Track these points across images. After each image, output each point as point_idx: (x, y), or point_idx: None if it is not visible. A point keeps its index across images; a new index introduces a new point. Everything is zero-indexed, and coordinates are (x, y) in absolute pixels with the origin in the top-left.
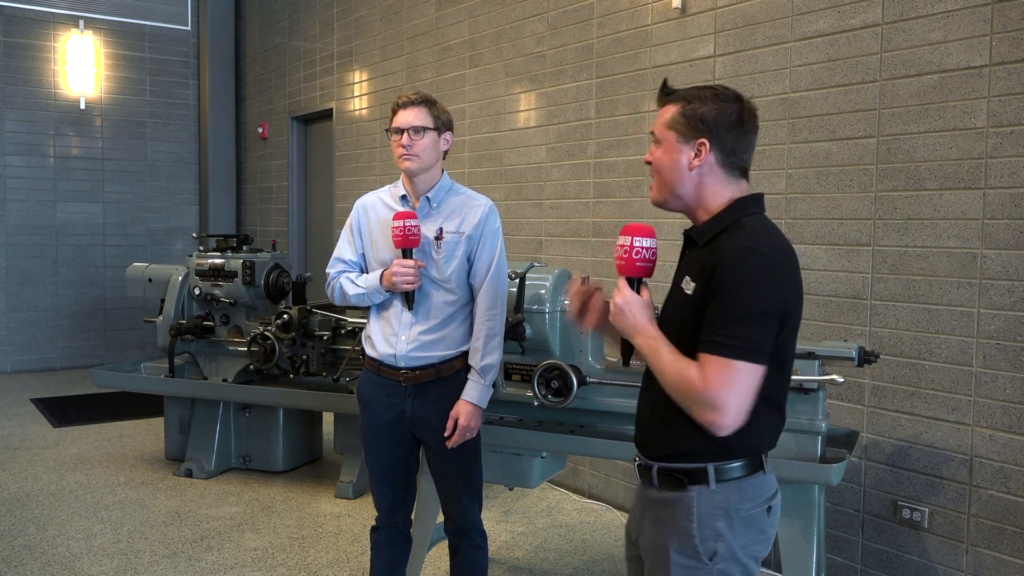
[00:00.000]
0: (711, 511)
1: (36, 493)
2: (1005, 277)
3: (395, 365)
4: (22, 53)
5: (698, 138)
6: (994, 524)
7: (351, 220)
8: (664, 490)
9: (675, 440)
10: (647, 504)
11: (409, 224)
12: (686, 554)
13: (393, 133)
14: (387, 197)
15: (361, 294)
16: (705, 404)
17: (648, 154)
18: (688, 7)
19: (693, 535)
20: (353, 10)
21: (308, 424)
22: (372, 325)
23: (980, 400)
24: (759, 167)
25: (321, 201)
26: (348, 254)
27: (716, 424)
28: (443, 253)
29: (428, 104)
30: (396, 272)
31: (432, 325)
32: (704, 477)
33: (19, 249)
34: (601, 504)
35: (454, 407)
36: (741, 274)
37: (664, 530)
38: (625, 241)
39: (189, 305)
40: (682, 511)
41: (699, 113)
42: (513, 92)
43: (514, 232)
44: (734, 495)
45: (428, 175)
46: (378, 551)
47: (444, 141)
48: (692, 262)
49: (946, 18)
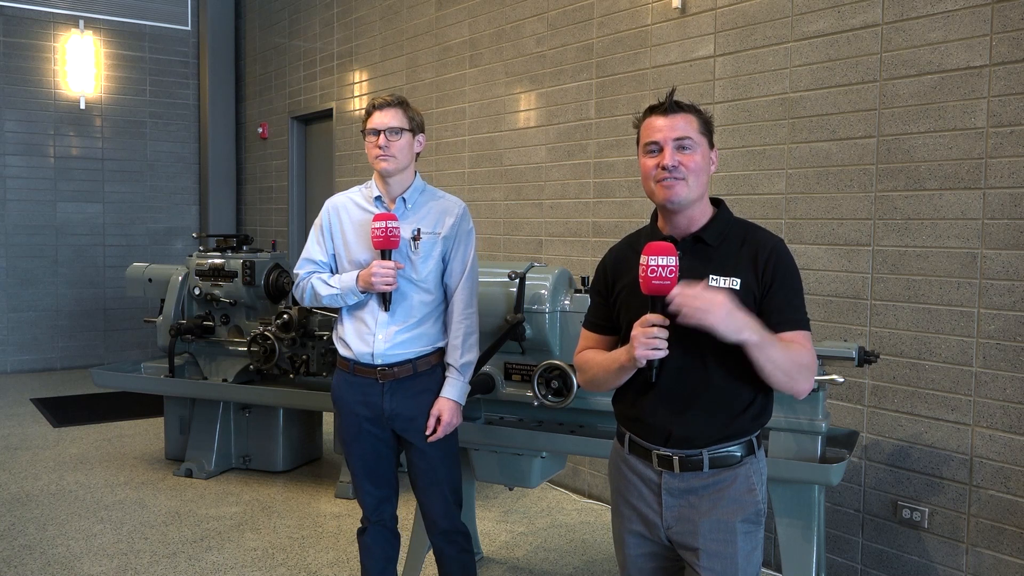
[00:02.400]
0: (761, 475)
1: (36, 493)
2: (1005, 277)
3: (371, 363)
4: (22, 53)
5: (713, 148)
6: (994, 524)
7: (321, 221)
8: (717, 471)
9: (727, 426)
10: (685, 491)
11: (390, 225)
12: (750, 520)
13: (369, 134)
14: (359, 198)
15: (335, 295)
16: (812, 372)
17: (671, 157)
18: (688, 7)
19: (758, 500)
20: (353, 10)
21: (308, 424)
22: (345, 325)
23: (980, 400)
24: (759, 167)
25: (321, 201)
26: (318, 255)
27: (810, 388)
28: (420, 254)
29: (403, 105)
30: (376, 273)
31: (409, 324)
32: (751, 448)
33: (19, 249)
34: (601, 504)
35: (435, 404)
36: (791, 261)
37: (726, 506)
38: (656, 262)
39: (189, 305)
40: (743, 483)
41: (710, 125)
42: (513, 92)
43: (514, 232)
44: (763, 459)
45: (402, 176)
46: (368, 552)
47: (418, 143)
48: (712, 261)
49: (946, 18)
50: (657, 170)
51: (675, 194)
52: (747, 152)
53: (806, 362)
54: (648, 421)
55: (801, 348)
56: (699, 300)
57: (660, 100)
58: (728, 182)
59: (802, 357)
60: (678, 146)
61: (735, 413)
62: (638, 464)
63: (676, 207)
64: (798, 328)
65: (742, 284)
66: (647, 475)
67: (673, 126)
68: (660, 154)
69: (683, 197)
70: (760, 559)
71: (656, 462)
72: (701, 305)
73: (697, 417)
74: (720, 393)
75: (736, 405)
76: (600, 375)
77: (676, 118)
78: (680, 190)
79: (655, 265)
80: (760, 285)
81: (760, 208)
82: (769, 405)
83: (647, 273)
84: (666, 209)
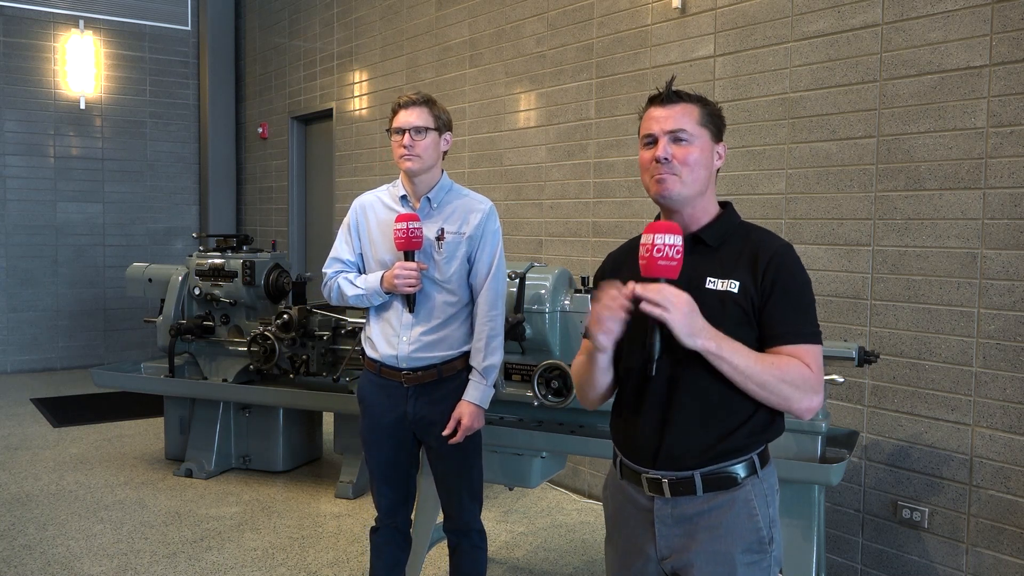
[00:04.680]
0: (765, 498)
1: (36, 493)
2: (1005, 277)
3: (396, 366)
4: (22, 53)
5: (720, 140)
6: (994, 524)
7: (349, 220)
8: (713, 494)
9: (719, 442)
10: (679, 519)
11: (412, 226)
12: (752, 550)
13: (394, 133)
14: (386, 197)
15: (360, 295)
16: (813, 391)
17: (664, 149)
18: (688, 7)
19: (760, 527)
20: (353, 10)
21: (308, 424)
22: (372, 326)
23: (980, 400)
24: (759, 167)
25: (321, 201)
26: (346, 254)
27: (815, 407)
28: (444, 254)
29: (429, 104)
30: (398, 275)
31: (433, 326)
32: (753, 467)
33: (19, 249)
34: (601, 504)
35: (456, 407)
36: (798, 268)
37: (724, 535)
38: (647, 240)
39: (189, 305)
40: (742, 508)
41: (717, 117)
42: (513, 92)
43: (514, 232)
44: (772, 476)
45: (429, 175)
46: (378, 552)
47: (444, 141)
48: (711, 262)
49: (946, 18)
50: (652, 163)
51: (666, 188)
52: (747, 152)
53: (798, 377)
54: (637, 436)
55: (794, 363)
56: (660, 294)
57: (659, 90)
58: (728, 182)
59: (792, 372)
60: (673, 138)
61: (730, 428)
62: (630, 489)
63: (668, 202)
64: (799, 342)
65: (740, 288)
66: (639, 501)
67: (669, 117)
68: (655, 146)
69: (674, 192)
70: None
71: (647, 487)
72: (661, 300)
73: (688, 431)
74: (714, 405)
75: (731, 419)
76: (582, 373)
77: (674, 108)
78: (672, 184)
79: (661, 244)
80: (759, 292)
81: (760, 208)
82: (776, 421)
83: (653, 253)
84: (663, 205)
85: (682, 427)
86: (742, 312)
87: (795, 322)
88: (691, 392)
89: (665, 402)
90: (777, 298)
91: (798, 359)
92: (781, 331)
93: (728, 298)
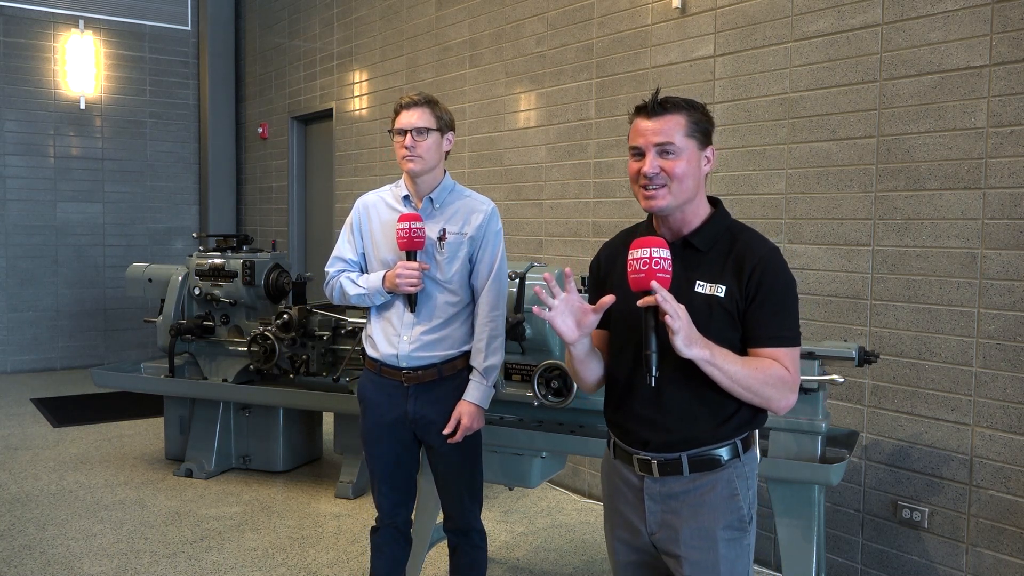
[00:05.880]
0: (747, 480)
1: (36, 493)
2: (1005, 277)
3: (397, 365)
4: (22, 53)
5: (708, 146)
6: (994, 524)
7: (351, 219)
8: (698, 474)
9: (706, 434)
10: (666, 496)
11: (414, 226)
12: (732, 527)
13: (396, 134)
14: (389, 197)
15: (362, 295)
16: (790, 391)
17: (652, 164)
18: (688, 7)
19: (741, 507)
20: (353, 10)
21: (308, 424)
22: (373, 325)
23: (980, 400)
24: (759, 167)
25: (321, 201)
26: (348, 253)
27: (791, 405)
28: (446, 254)
29: (431, 105)
30: (400, 274)
31: (434, 325)
32: (736, 451)
33: (19, 249)
34: (601, 504)
35: (456, 407)
36: (784, 273)
37: (707, 513)
38: (643, 254)
39: (189, 305)
40: (724, 488)
41: (704, 122)
42: (513, 92)
43: (514, 232)
44: (753, 460)
45: (431, 176)
46: (378, 552)
47: (447, 142)
48: (700, 266)
49: (946, 18)
50: (640, 176)
51: (655, 204)
52: (747, 152)
53: (777, 379)
54: (629, 426)
55: (775, 366)
56: (670, 304)
57: (645, 100)
58: (728, 182)
59: (771, 375)
60: (660, 151)
61: (717, 422)
62: (622, 468)
63: (659, 215)
64: (780, 345)
65: (726, 292)
66: (630, 479)
67: (656, 130)
68: (643, 160)
69: (664, 206)
70: (747, 567)
71: (637, 466)
72: (671, 310)
73: (677, 424)
74: (702, 402)
75: (719, 415)
76: (568, 363)
77: (660, 121)
78: (661, 199)
79: (658, 257)
80: (744, 296)
81: (760, 208)
82: (759, 415)
83: (651, 266)
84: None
85: (673, 421)
86: (728, 315)
87: (777, 326)
88: (681, 389)
89: (657, 398)
90: (760, 302)
91: (777, 362)
92: (763, 334)
93: (715, 302)
